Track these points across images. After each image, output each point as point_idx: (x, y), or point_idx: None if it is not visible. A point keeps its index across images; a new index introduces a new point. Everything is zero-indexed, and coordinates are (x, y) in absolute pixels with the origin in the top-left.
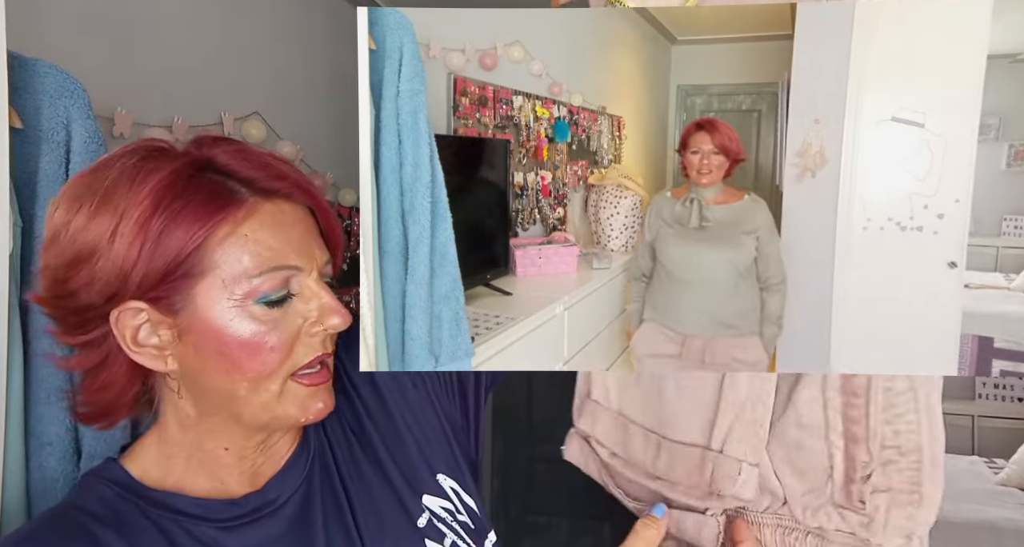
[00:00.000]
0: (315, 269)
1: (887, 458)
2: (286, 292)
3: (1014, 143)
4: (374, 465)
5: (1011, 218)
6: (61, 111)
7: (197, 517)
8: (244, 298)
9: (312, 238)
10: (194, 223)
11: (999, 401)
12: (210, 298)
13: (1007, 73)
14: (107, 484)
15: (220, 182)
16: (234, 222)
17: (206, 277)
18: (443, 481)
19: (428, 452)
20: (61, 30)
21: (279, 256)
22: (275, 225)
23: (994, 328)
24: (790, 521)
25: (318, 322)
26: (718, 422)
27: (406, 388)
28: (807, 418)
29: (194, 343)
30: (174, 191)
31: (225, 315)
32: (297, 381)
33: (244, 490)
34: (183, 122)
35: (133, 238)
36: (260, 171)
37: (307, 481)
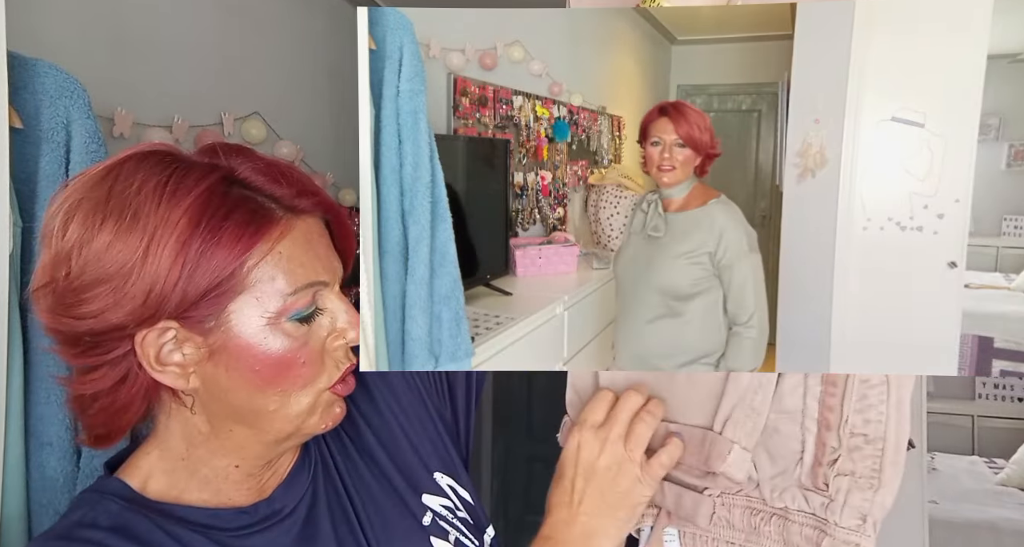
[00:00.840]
0: (336, 283)
1: (854, 445)
2: (315, 308)
3: (1014, 143)
4: (372, 467)
5: (1011, 218)
6: (61, 111)
7: (207, 526)
8: (277, 316)
9: (332, 252)
10: (235, 244)
11: (999, 401)
12: (244, 316)
13: (1007, 73)
14: (111, 498)
15: (253, 199)
16: (269, 240)
17: (240, 295)
18: (440, 479)
19: (423, 451)
20: (61, 30)
21: (310, 273)
22: (305, 242)
23: (994, 328)
24: (758, 502)
25: (339, 335)
26: (722, 405)
27: (397, 389)
28: (787, 404)
29: (225, 361)
30: (211, 210)
31: (259, 333)
32: (333, 392)
33: (249, 501)
34: (183, 122)
35: (173, 258)
36: (288, 188)
37: (312, 488)
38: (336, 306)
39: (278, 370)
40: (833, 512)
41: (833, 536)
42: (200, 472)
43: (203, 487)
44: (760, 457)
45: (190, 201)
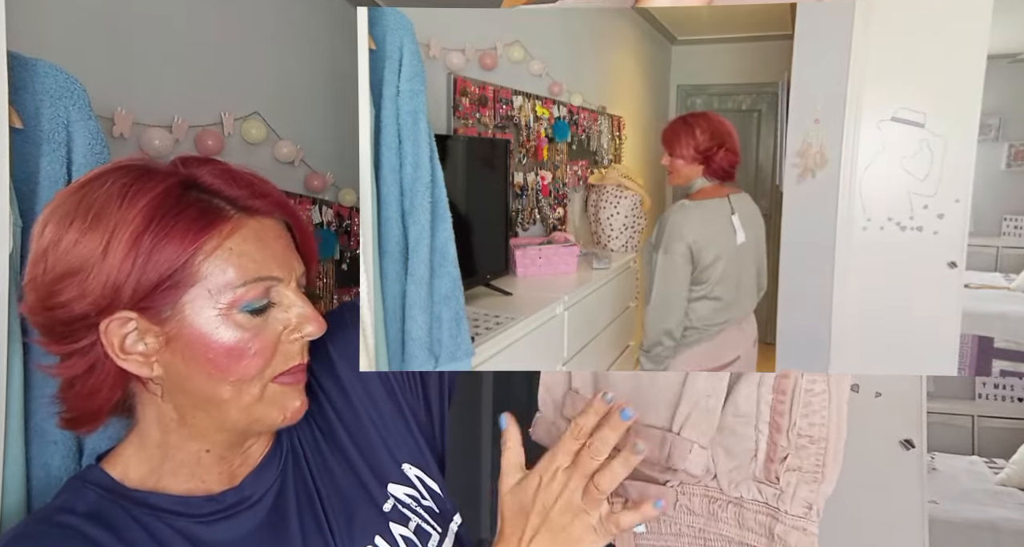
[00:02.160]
0: (293, 280)
1: (800, 444)
2: (267, 301)
3: (1014, 143)
4: (339, 458)
5: (1011, 218)
6: (62, 111)
7: (177, 513)
8: (228, 307)
9: (290, 251)
10: (184, 239)
11: (999, 401)
12: (197, 307)
13: (1007, 73)
14: (90, 487)
15: (207, 200)
16: (220, 237)
17: (193, 287)
18: (408, 470)
19: (392, 444)
20: (61, 30)
21: (261, 267)
22: (258, 239)
23: (994, 328)
24: (716, 492)
25: (295, 329)
26: (679, 409)
27: (371, 386)
28: (743, 409)
29: (181, 349)
30: (164, 209)
31: (211, 323)
32: (276, 383)
33: (222, 488)
34: (183, 122)
35: (126, 253)
36: (243, 190)
37: (281, 477)
38: (291, 301)
39: (229, 359)
40: (784, 502)
41: (783, 523)
42: (176, 457)
43: (179, 472)
44: (718, 453)
45: (146, 201)
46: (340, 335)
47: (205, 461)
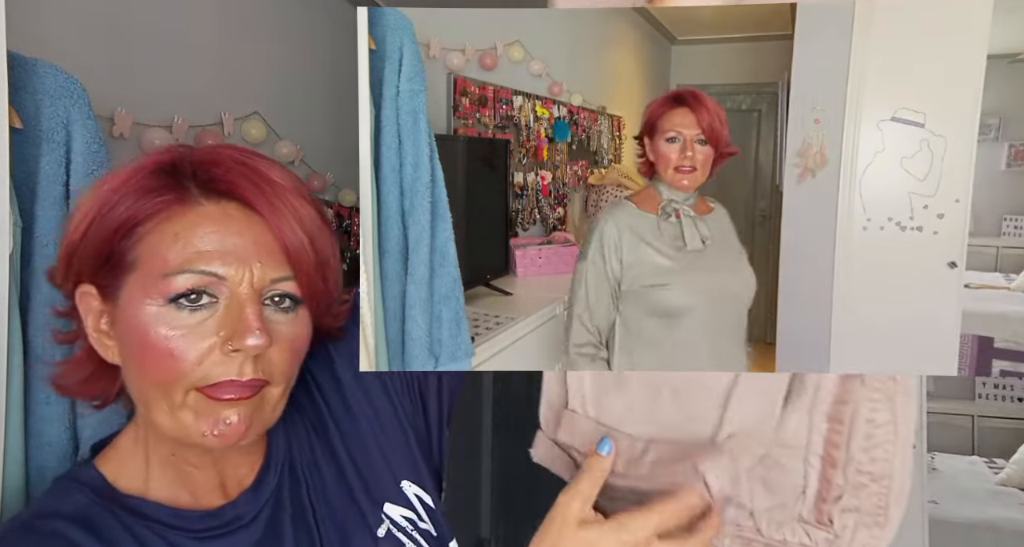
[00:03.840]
0: (248, 282)
1: (859, 482)
2: (200, 297)
3: (1014, 143)
4: (334, 471)
5: (1011, 218)
6: (61, 111)
7: (171, 526)
8: (158, 296)
9: (260, 250)
10: (133, 204)
11: (999, 401)
12: (133, 293)
13: (1007, 73)
14: (80, 489)
15: (176, 178)
16: (168, 217)
17: (135, 270)
18: (407, 488)
19: (392, 459)
20: (61, 30)
21: (201, 260)
22: (211, 227)
23: (994, 328)
24: (752, 532)
25: (233, 339)
26: (720, 434)
27: (371, 394)
28: (790, 438)
29: (120, 337)
30: (127, 183)
31: (141, 313)
32: (202, 393)
33: (216, 501)
34: (183, 122)
35: (81, 220)
36: (221, 170)
37: (276, 493)
38: (237, 306)
39: (150, 356)
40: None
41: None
42: (154, 458)
43: (164, 475)
44: (756, 488)
45: (122, 174)
46: (342, 338)
47: (178, 466)
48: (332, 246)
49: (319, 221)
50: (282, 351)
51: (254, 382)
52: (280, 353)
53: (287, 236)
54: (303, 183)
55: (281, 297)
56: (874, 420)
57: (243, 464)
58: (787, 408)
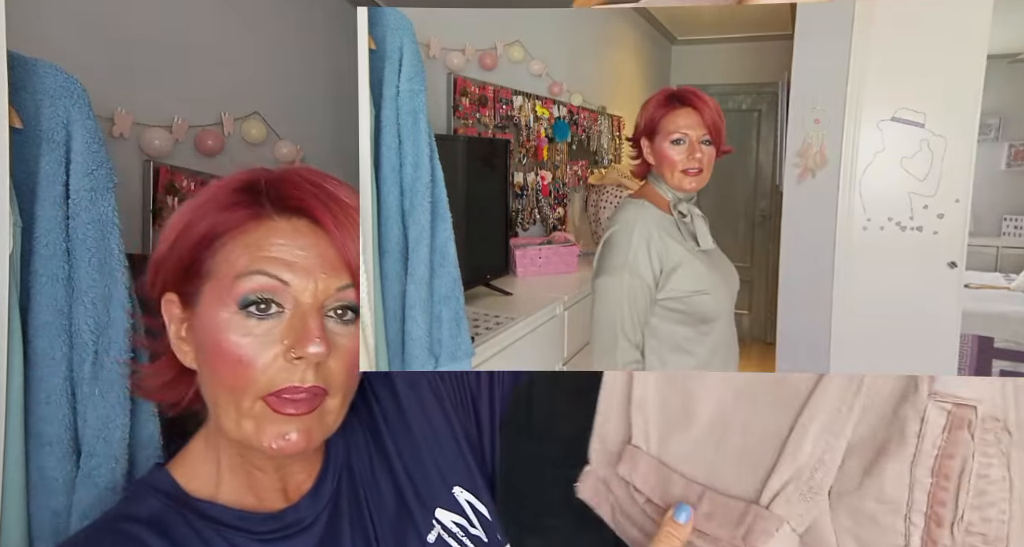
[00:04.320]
0: (312, 291)
1: (971, 544)
2: (268, 301)
3: (1014, 143)
4: (387, 476)
5: (1011, 218)
6: (61, 111)
7: (236, 528)
8: (231, 300)
9: (325, 263)
10: (215, 218)
11: None
12: (209, 300)
13: (1007, 73)
14: (155, 494)
15: (252, 195)
16: (243, 230)
17: (212, 280)
18: (459, 494)
19: (444, 465)
20: (61, 30)
21: (269, 265)
22: (279, 240)
23: (994, 328)
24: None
25: (296, 347)
26: (772, 479)
27: (425, 400)
28: (889, 493)
29: (195, 343)
30: (212, 199)
31: (216, 319)
32: (266, 403)
33: (279, 504)
34: (183, 122)
35: (169, 232)
36: (292, 188)
37: (335, 497)
38: (301, 315)
39: (222, 362)
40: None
41: None
42: (224, 461)
43: (235, 478)
44: (848, 545)
45: (208, 192)
46: None
47: (246, 470)
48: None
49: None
50: (341, 361)
51: (314, 390)
52: (339, 363)
53: (351, 252)
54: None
55: (343, 309)
56: (988, 476)
57: (303, 469)
58: (883, 457)
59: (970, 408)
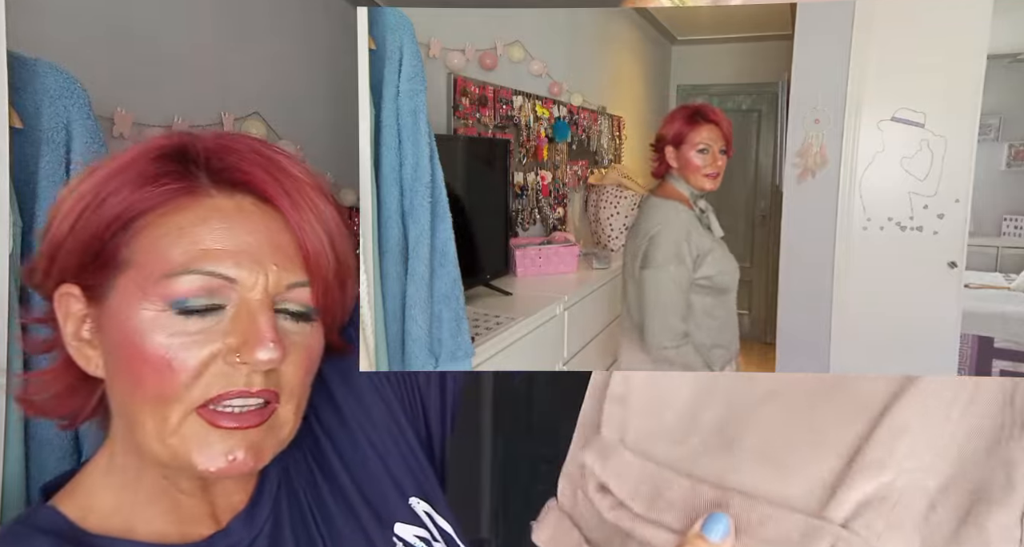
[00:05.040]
0: (263, 287)
1: None
2: (211, 303)
3: (1014, 143)
4: (338, 496)
5: (1011, 218)
6: (61, 111)
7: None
8: (159, 299)
9: (277, 252)
10: (131, 194)
11: None
12: (127, 294)
13: (1007, 73)
14: (39, 535)
15: (183, 165)
16: (172, 209)
17: (129, 269)
18: (416, 505)
19: (397, 473)
20: (61, 30)
21: (210, 259)
22: (221, 224)
23: (994, 328)
24: None
25: (242, 350)
26: (848, 482)
27: (370, 406)
28: (994, 542)
29: (104, 345)
30: (124, 169)
31: (135, 317)
32: (202, 416)
33: (206, 530)
34: (183, 122)
35: (70, 209)
36: (236, 159)
37: (274, 517)
38: (249, 314)
39: (146, 368)
40: None
41: None
42: (143, 484)
43: (154, 504)
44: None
45: (117, 160)
46: (346, 352)
47: (172, 493)
48: (352, 251)
49: (340, 222)
50: (295, 365)
51: (264, 395)
52: (293, 367)
53: (308, 237)
54: (323, 179)
55: (295, 305)
56: None
57: (240, 488)
58: (982, 507)
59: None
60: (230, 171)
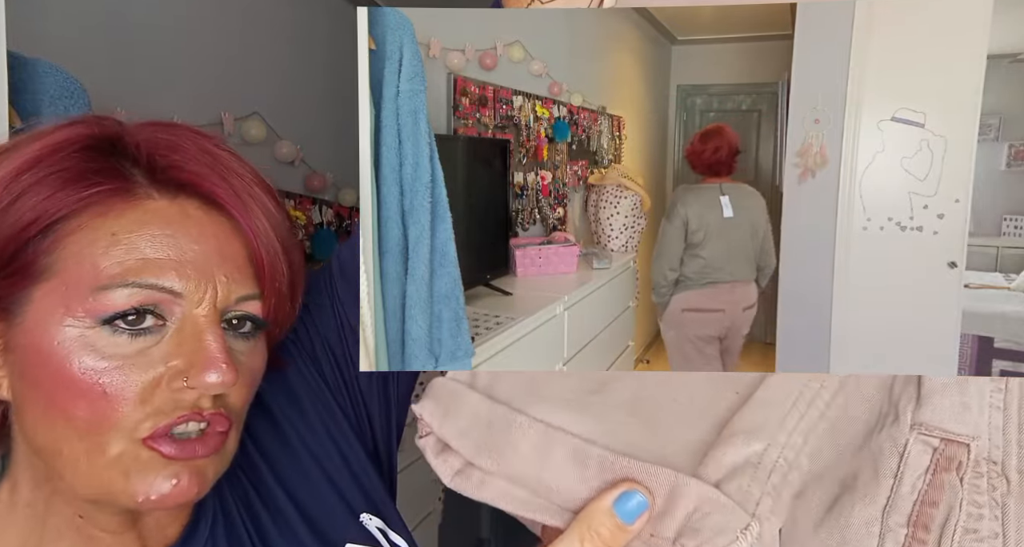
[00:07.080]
0: (211, 301)
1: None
2: (146, 320)
3: (1014, 143)
4: (280, 521)
5: (1011, 218)
6: (61, 112)
7: None
8: (85, 315)
9: (226, 262)
10: (52, 195)
11: None
12: (46, 308)
13: (1007, 73)
14: None
15: (114, 161)
16: (102, 213)
17: (50, 280)
18: (368, 522)
19: (346, 490)
20: (61, 30)
21: (149, 270)
22: (162, 230)
23: (994, 328)
24: None
25: (190, 373)
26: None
27: (312, 423)
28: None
29: (19, 367)
30: (53, 158)
31: (57, 336)
32: (151, 448)
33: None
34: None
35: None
36: (180, 157)
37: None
38: (196, 331)
39: (68, 393)
40: None
41: None
42: (50, 523)
43: (60, 545)
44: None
45: (31, 150)
46: (284, 368)
47: (87, 531)
48: (303, 261)
49: (291, 228)
50: (242, 386)
51: (215, 419)
52: (239, 389)
53: (261, 245)
54: (270, 179)
55: (241, 320)
56: (977, 531)
57: (175, 519)
58: (847, 497)
59: (962, 446)
60: (174, 170)
